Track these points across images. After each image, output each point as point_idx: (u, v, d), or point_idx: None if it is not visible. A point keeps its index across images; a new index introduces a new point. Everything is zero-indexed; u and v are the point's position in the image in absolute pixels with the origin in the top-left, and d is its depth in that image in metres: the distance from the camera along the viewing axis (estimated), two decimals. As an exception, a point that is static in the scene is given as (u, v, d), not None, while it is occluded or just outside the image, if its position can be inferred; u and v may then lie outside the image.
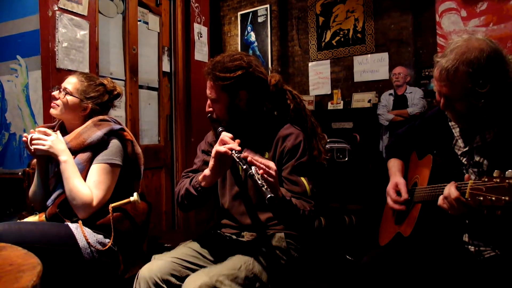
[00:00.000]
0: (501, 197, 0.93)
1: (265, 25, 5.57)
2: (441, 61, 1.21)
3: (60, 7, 2.18)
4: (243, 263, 1.29)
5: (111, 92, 1.72)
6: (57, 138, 1.55)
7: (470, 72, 1.15)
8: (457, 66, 1.16)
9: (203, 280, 1.18)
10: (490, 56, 1.15)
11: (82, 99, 1.63)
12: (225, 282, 1.20)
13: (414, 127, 1.59)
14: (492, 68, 1.15)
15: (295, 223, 1.37)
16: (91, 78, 1.71)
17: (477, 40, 1.19)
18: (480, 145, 1.25)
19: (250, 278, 1.27)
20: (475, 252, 1.25)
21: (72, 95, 1.63)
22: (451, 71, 1.18)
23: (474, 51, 1.16)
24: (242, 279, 1.25)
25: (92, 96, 1.66)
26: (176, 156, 3.14)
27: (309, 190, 1.36)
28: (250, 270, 1.28)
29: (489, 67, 1.14)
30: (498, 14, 4.06)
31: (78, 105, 1.63)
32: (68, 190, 1.48)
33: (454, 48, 1.20)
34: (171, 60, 3.16)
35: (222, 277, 1.21)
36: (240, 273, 1.26)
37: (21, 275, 0.87)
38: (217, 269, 1.26)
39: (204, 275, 1.21)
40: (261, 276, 1.29)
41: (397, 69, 4.32)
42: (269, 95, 1.50)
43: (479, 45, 1.17)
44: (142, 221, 1.65)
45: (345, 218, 3.47)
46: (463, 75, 1.16)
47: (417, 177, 1.44)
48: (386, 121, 4.22)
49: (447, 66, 1.18)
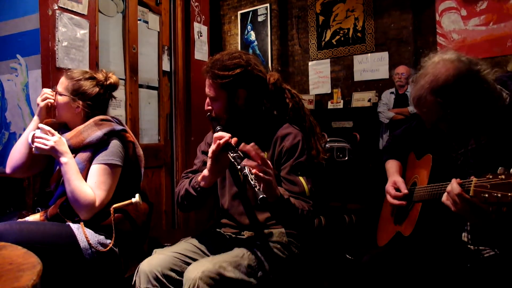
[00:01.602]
0: (507, 193, 0.93)
1: (265, 24, 5.56)
2: (413, 88, 1.22)
3: (60, 6, 2.18)
4: (246, 252, 1.30)
5: (103, 83, 1.66)
6: (60, 139, 1.52)
7: (439, 100, 1.14)
8: (425, 95, 1.16)
9: (206, 266, 1.19)
10: (457, 80, 1.12)
11: (71, 97, 1.61)
12: (228, 268, 1.21)
13: (410, 128, 1.59)
14: (461, 91, 1.13)
15: (294, 223, 1.37)
16: (81, 73, 1.65)
17: (444, 64, 1.16)
18: (475, 147, 1.25)
19: (253, 267, 1.28)
20: (474, 251, 1.25)
21: (61, 95, 1.61)
22: (421, 100, 1.18)
23: (440, 77, 1.14)
24: (245, 266, 1.26)
25: (80, 93, 1.61)
26: (176, 155, 3.14)
27: (307, 190, 1.36)
28: (253, 258, 1.29)
29: (457, 92, 1.13)
30: (498, 13, 4.06)
31: (69, 104, 1.61)
32: (70, 191, 1.46)
33: (423, 73, 1.19)
34: (171, 59, 3.16)
35: (225, 263, 1.22)
36: (243, 260, 1.27)
37: (21, 274, 0.87)
38: (220, 257, 1.27)
39: (207, 262, 1.23)
40: (263, 266, 1.30)
41: (400, 68, 4.28)
42: (268, 93, 1.50)
43: (445, 70, 1.14)
44: (143, 222, 1.64)
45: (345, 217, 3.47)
46: (432, 104, 1.16)
47: (416, 177, 1.44)
48: (387, 119, 4.20)
49: (416, 95, 1.19)
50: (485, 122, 1.19)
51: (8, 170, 1.67)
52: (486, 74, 1.15)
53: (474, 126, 1.21)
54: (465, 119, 1.17)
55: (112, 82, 1.70)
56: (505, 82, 1.23)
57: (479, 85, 1.14)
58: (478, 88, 1.13)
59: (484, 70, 1.15)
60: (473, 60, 1.17)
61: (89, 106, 1.63)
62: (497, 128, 1.19)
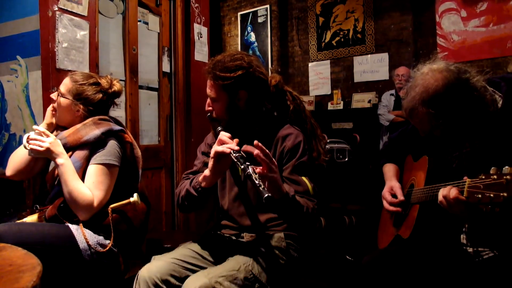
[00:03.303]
0: (499, 193, 0.93)
1: (265, 26, 5.57)
2: (404, 101, 1.23)
3: (60, 7, 2.18)
4: (242, 264, 1.29)
5: (106, 91, 1.66)
6: (55, 140, 1.52)
7: (430, 112, 1.16)
8: (416, 107, 1.18)
9: (202, 281, 1.18)
10: (447, 90, 1.14)
11: (73, 101, 1.60)
12: (224, 284, 1.20)
13: (406, 131, 1.59)
14: (451, 101, 1.14)
15: (299, 221, 1.35)
16: (85, 77, 1.65)
17: (433, 75, 1.17)
18: (470, 150, 1.25)
19: (249, 279, 1.27)
20: (473, 253, 1.25)
21: (64, 97, 1.61)
22: (414, 111, 1.20)
23: (430, 88, 1.15)
24: (241, 280, 1.25)
25: (83, 97, 1.61)
26: (176, 156, 3.14)
27: (311, 188, 1.35)
28: (249, 271, 1.28)
29: (447, 102, 1.14)
30: (498, 14, 4.06)
31: (71, 107, 1.61)
32: (67, 192, 1.46)
33: (413, 85, 1.20)
34: (171, 60, 3.16)
35: (221, 278, 1.21)
36: (239, 274, 1.26)
37: (21, 275, 0.87)
38: (216, 270, 1.26)
39: (203, 276, 1.21)
40: (260, 277, 1.29)
41: (400, 70, 4.27)
42: (269, 95, 1.50)
43: (435, 81, 1.15)
44: (141, 222, 1.64)
45: (345, 218, 3.47)
46: (424, 114, 1.18)
47: (414, 178, 1.44)
48: (387, 121, 4.20)
49: (408, 107, 1.21)
50: (478, 127, 1.20)
51: (8, 173, 1.67)
52: (475, 81, 1.16)
53: (467, 132, 1.21)
54: (458, 126, 1.19)
55: (116, 90, 1.70)
56: (498, 83, 1.23)
57: (469, 93, 1.14)
58: (468, 95, 1.14)
59: (474, 77, 1.16)
60: (462, 68, 1.18)
61: (89, 111, 1.63)
62: (490, 132, 1.19)
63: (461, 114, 1.15)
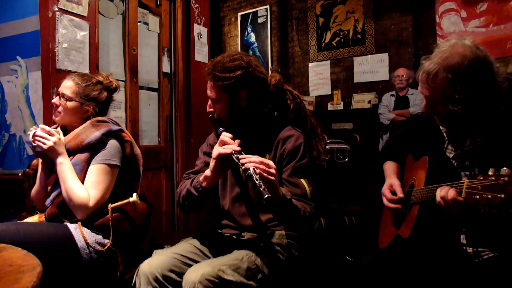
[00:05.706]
0: (497, 194, 0.93)
1: (265, 26, 5.57)
2: (425, 63, 1.22)
3: (60, 8, 2.18)
4: (245, 255, 1.30)
5: (109, 87, 1.71)
6: (59, 140, 1.54)
7: (449, 78, 1.15)
8: (437, 71, 1.17)
9: (205, 269, 1.19)
10: (472, 64, 1.14)
11: (82, 102, 1.63)
12: (227, 272, 1.21)
13: (407, 130, 1.59)
14: (473, 76, 1.14)
15: (295, 224, 1.37)
16: (87, 78, 1.68)
17: (463, 46, 1.18)
18: (471, 148, 1.25)
19: (252, 270, 1.28)
20: (473, 253, 1.25)
21: (72, 100, 1.62)
22: (432, 75, 1.19)
23: (456, 57, 1.15)
24: (244, 269, 1.26)
25: (92, 97, 1.65)
26: (176, 157, 3.14)
27: (309, 192, 1.36)
28: (253, 261, 1.30)
29: (469, 75, 1.14)
30: (498, 15, 4.06)
31: (80, 108, 1.63)
32: (64, 191, 1.48)
33: (439, 52, 1.20)
34: (171, 61, 3.17)
35: (224, 266, 1.22)
36: (242, 264, 1.27)
37: (21, 276, 0.88)
38: (219, 260, 1.27)
39: (206, 265, 1.23)
40: (263, 269, 1.30)
41: (400, 70, 4.28)
42: (269, 95, 1.50)
43: (463, 51, 1.16)
44: (142, 222, 1.65)
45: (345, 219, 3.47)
46: (442, 80, 1.17)
47: (414, 178, 1.44)
48: (387, 120, 4.18)
49: (428, 69, 1.20)
50: (484, 119, 1.20)
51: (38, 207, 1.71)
52: (497, 70, 1.17)
53: (472, 120, 1.21)
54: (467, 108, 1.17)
55: (115, 85, 1.74)
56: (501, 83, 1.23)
57: (490, 77, 1.15)
58: (489, 79, 1.15)
59: (496, 66, 1.18)
60: (488, 54, 1.19)
61: (98, 109, 1.67)
62: (494, 128, 1.20)
63: (475, 94, 1.15)
